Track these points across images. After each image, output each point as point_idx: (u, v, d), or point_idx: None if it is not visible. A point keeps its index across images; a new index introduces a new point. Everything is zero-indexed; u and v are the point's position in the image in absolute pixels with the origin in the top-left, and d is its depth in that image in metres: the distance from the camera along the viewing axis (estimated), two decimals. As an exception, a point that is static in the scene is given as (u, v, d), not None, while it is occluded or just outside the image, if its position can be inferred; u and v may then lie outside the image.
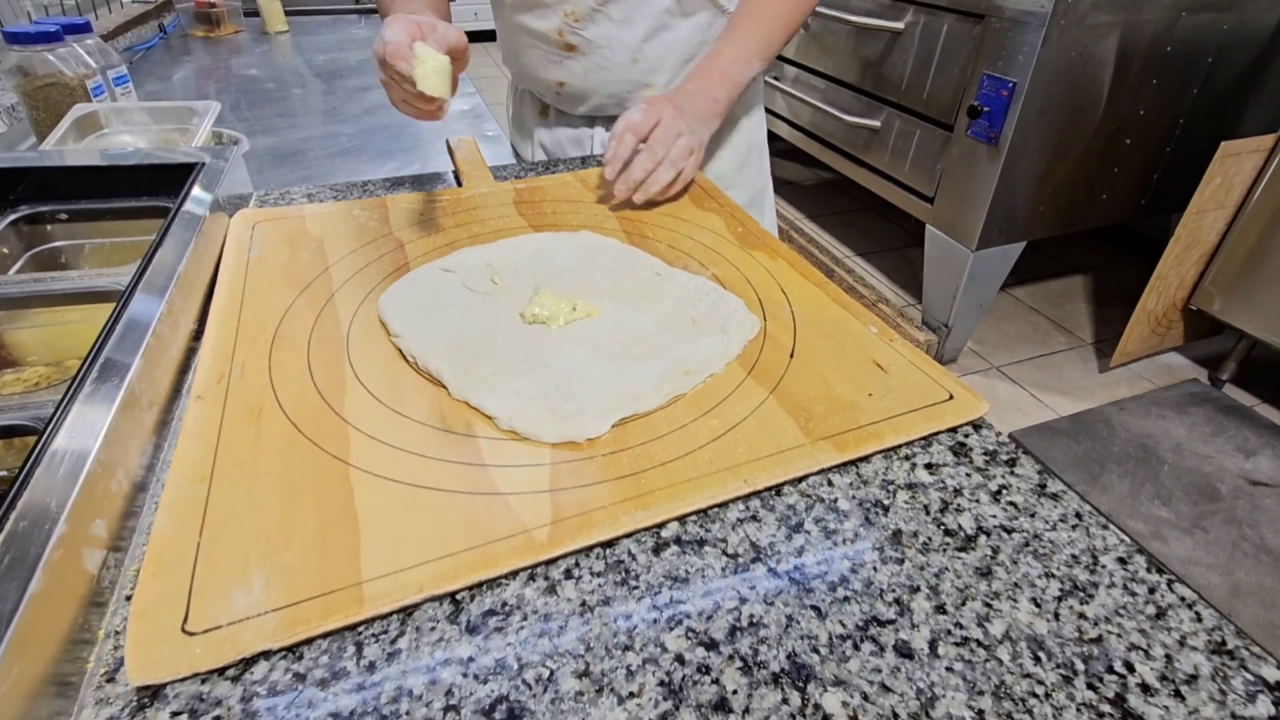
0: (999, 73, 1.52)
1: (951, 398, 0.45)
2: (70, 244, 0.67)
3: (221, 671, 0.31)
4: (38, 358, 0.56)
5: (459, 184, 0.77)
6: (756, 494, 0.39)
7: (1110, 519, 1.52)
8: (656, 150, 0.69)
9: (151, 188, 0.68)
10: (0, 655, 0.26)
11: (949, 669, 0.31)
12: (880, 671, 0.31)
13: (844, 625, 0.32)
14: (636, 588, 0.34)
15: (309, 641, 0.32)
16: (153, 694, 0.30)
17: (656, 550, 0.36)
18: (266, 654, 0.31)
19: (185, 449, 0.41)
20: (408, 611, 0.33)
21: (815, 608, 0.33)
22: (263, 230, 0.64)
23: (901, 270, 2.33)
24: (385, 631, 0.32)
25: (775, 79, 2.37)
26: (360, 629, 0.32)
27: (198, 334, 0.52)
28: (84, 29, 0.96)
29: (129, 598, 0.34)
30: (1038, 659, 0.31)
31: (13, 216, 0.63)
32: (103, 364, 0.39)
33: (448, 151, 0.85)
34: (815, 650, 0.31)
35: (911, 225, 2.50)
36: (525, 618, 0.33)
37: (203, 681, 0.30)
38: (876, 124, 1.92)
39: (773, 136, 2.60)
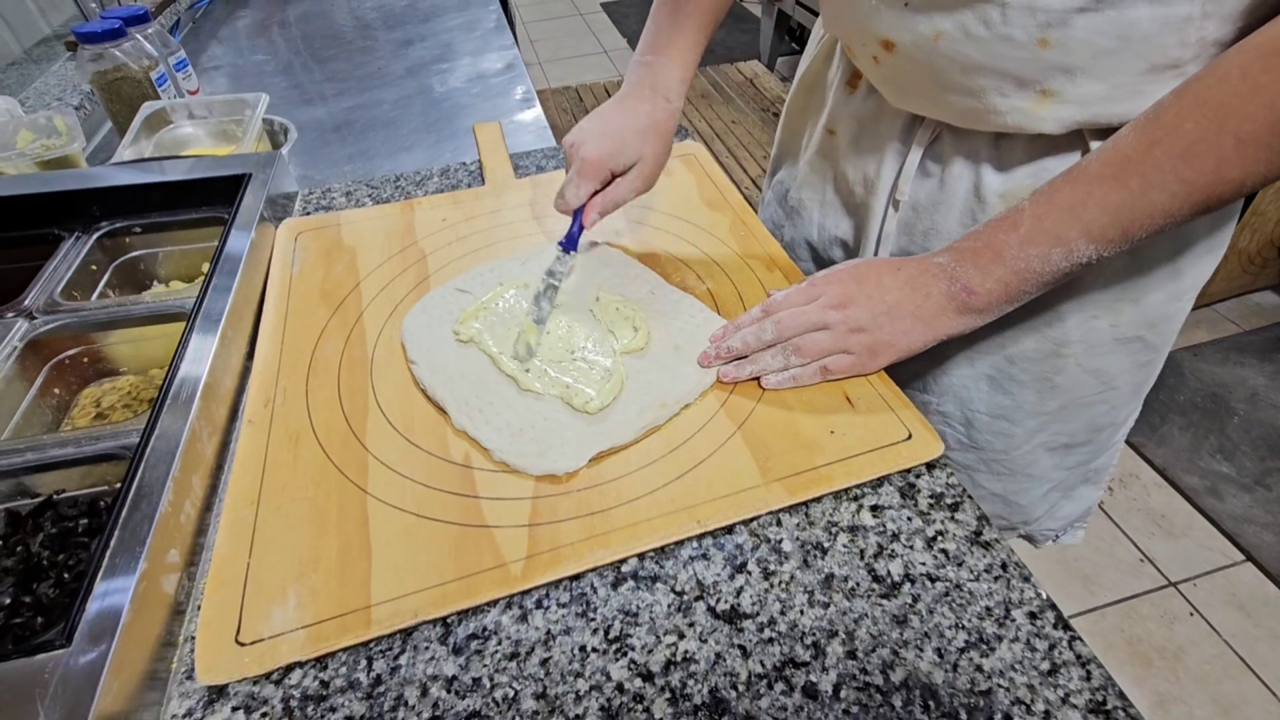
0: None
1: (910, 437, 0.48)
2: (147, 253, 0.76)
3: (268, 675, 0.39)
4: (128, 367, 0.66)
5: (482, 176, 0.81)
6: (710, 532, 0.44)
7: (1164, 473, 1.49)
8: (768, 331, 0.52)
9: (209, 198, 0.75)
10: (109, 662, 0.36)
11: (846, 711, 0.36)
12: (786, 710, 0.36)
13: (763, 665, 0.38)
14: (594, 620, 0.41)
15: (331, 655, 0.40)
16: (219, 691, 0.39)
17: (615, 584, 0.42)
18: (300, 663, 0.40)
19: (238, 474, 0.49)
20: (408, 632, 0.41)
21: (741, 647, 0.39)
22: (304, 242, 0.71)
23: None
24: (390, 648, 0.40)
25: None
26: (371, 645, 0.40)
27: (250, 350, 0.60)
28: (143, 19, 1.02)
29: (200, 607, 0.43)
30: (926, 707, 0.36)
31: (97, 234, 0.72)
32: (167, 409, 0.47)
33: (475, 138, 0.88)
34: (734, 687, 0.37)
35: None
36: (500, 643, 0.40)
37: (254, 683, 0.39)
38: None
39: None
